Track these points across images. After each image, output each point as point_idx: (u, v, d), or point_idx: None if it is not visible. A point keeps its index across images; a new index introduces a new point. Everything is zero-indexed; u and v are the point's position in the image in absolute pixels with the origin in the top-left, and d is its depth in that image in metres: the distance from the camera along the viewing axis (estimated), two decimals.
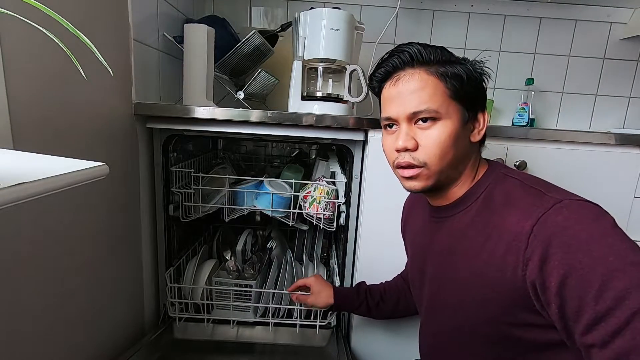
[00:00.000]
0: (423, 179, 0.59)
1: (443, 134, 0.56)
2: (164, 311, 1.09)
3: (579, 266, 0.43)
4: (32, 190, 0.29)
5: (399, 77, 0.60)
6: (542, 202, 0.49)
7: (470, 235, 0.58)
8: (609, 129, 1.52)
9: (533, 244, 0.47)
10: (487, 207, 0.57)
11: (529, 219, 0.48)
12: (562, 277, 0.43)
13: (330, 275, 1.18)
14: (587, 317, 0.42)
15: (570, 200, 0.48)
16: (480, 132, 0.61)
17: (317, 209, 1.01)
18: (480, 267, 0.54)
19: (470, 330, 0.59)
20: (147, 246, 1.03)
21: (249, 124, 0.93)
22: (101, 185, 0.80)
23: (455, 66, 0.58)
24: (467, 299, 0.58)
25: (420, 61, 0.59)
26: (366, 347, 1.05)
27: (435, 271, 0.66)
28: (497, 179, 0.59)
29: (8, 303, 0.59)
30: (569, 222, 0.45)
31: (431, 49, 0.59)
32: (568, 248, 0.44)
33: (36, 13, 0.35)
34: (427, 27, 1.47)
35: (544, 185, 0.54)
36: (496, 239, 0.52)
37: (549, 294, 0.45)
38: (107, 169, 0.38)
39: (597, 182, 0.96)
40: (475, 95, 0.60)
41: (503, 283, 0.51)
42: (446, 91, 0.57)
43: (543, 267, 0.45)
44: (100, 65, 0.40)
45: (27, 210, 0.61)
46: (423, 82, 0.57)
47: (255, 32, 1.09)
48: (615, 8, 1.44)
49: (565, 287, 0.43)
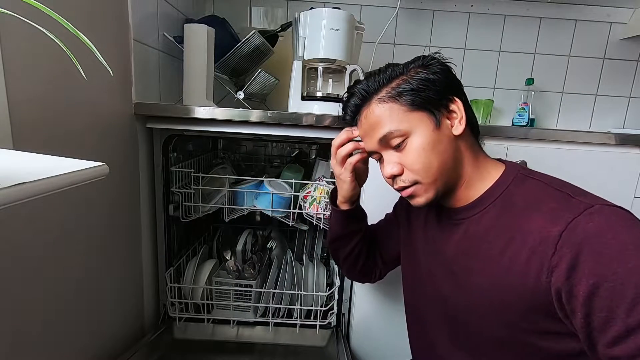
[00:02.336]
0: (422, 194, 0.58)
1: (418, 146, 0.56)
2: (164, 311, 1.09)
3: (611, 276, 0.41)
4: (32, 190, 0.29)
5: (360, 117, 0.62)
6: (570, 206, 0.47)
7: (490, 239, 0.55)
8: (609, 129, 1.52)
9: (561, 251, 0.45)
10: (508, 209, 0.54)
11: (557, 224, 0.46)
12: (592, 287, 0.42)
13: (331, 275, 1.18)
14: (617, 329, 0.40)
15: (602, 206, 0.46)
16: (462, 121, 0.57)
17: (317, 209, 1.01)
18: (500, 271, 0.53)
19: (485, 335, 0.57)
20: (147, 246, 1.03)
21: (249, 124, 0.93)
22: (101, 185, 0.80)
23: (401, 79, 0.58)
24: (485, 302, 0.55)
25: (370, 95, 0.60)
26: (366, 347, 1.05)
27: (447, 273, 0.63)
28: (517, 179, 0.56)
29: (8, 303, 0.59)
30: (601, 229, 0.44)
31: (375, 77, 0.60)
32: (600, 257, 0.42)
33: (36, 13, 0.35)
34: (427, 27, 1.47)
35: (570, 187, 0.51)
36: (519, 243, 0.50)
37: (576, 302, 0.43)
38: (107, 169, 0.38)
39: (597, 182, 0.96)
40: (434, 93, 0.57)
41: (524, 289, 0.49)
42: (401, 108, 0.57)
43: (572, 275, 0.44)
44: (100, 66, 0.40)
45: (27, 210, 0.61)
46: (378, 113, 0.59)
47: (255, 32, 1.09)
48: (615, 8, 1.44)
49: (594, 297, 0.42)
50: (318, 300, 1.06)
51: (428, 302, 0.68)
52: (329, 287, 1.11)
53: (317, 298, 1.06)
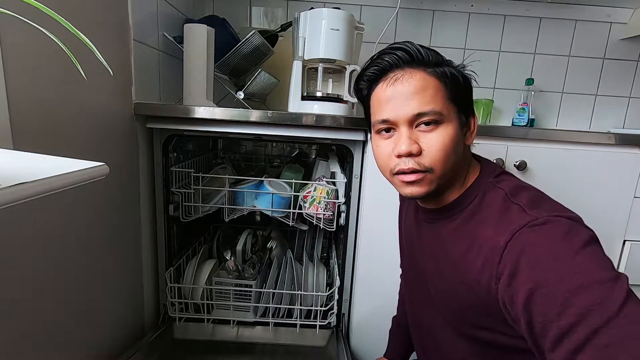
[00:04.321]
0: (426, 184, 0.56)
1: (446, 137, 0.54)
2: (164, 311, 1.09)
3: (544, 282, 0.43)
4: (32, 190, 0.29)
5: (396, 76, 0.56)
6: (519, 218, 0.49)
7: (453, 243, 0.58)
8: (609, 129, 1.52)
9: (505, 259, 0.47)
10: (473, 218, 0.56)
11: (503, 234, 0.49)
12: (528, 293, 0.44)
13: (331, 276, 1.18)
14: (552, 333, 0.41)
15: (547, 217, 0.47)
16: (472, 135, 0.60)
17: (317, 209, 1.01)
18: (461, 274, 0.55)
19: (457, 333, 0.62)
20: (147, 246, 1.03)
21: (249, 124, 0.93)
22: (101, 185, 0.80)
23: (450, 68, 0.57)
24: (453, 302, 0.59)
25: (419, 61, 0.56)
26: (366, 347, 1.05)
27: (426, 270, 0.67)
28: (486, 188, 0.57)
29: (8, 303, 0.59)
30: (539, 238, 0.46)
31: (427, 50, 0.57)
32: (535, 264, 0.44)
33: (36, 13, 0.35)
34: (427, 27, 1.47)
35: (528, 199, 0.52)
36: (476, 250, 0.53)
37: (517, 309, 0.45)
38: (107, 169, 0.38)
39: (597, 182, 0.96)
40: (467, 98, 0.59)
41: (480, 294, 0.52)
42: (446, 93, 0.55)
43: (512, 283, 0.46)
44: (100, 65, 0.40)
45: (26, 210, 0.61)
46: (425, 82, 0.54)
47: (255, 32, 1.09)
48: (615, 8, 1.44)
49: (531, 303, 0.43)
50: (318, 300, 1.06)
51: (415, 293, 0.74)
52: (329, 287, 1.11)
53: (317, 298, 1.06)
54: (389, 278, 0.94)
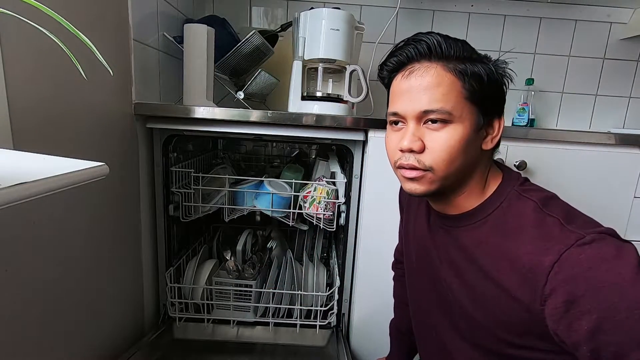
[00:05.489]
0: (426, 183, 0.55)
1: (453, 138, 0.52)
2: (164, 311, 1.09)
3: (613, 311, 0.41)
4: (32, 190, 0.29)
5: (412, 69, 0.54)
6: (562, 235, 0.46)
7: (478, 255, 0.55)
8: (609, 129, 1.52)
9: (553, 282, 0.44)
10: (499, 228, 0.53)
11: (548, 254, 0.45)
12: (595, 322, 0.42)
13: (331, 276, 1.18)
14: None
15: (593, 236, 0.45)
16: (494, 140, 0.56)
17: (317, 209, 1.01)
18: (489, 288, 0.53)
19: (461, 337, 0.60)
20: (147, 246, 1.03)
21: (249, 124, 0.93)
22: (101, 185, 0.80)
23: (476, 64, 0.53)
24: (478, 314, 0.56)
25: (438, 54, 0.53)
26: (366, 347, 1.05)
27: (442, 275, 0.63)
28: (511, 198, 0.54)
29: (8, 304, 0.59)
30: (593, 261, 0.43)
31: (452, 42, 0.54)
32: (598, 292, 0.42)
33: (36, 13, 0.34)
34: (427, 27, 1.47)
35: (562, 212, 0.50)
36: (507, 265, 0.50)
37: (578, 337, 0.43)
38: (107, 169, 0.38)
39: (597, 182, 0.96)
40: (493, 99, 0.55)
41: (517, 312, 0.49)
42: (463, 92, 0.52)
43: (570, 309, 0.43)
44: (100, 66, 0.40)
45: (26, 210, 0.61)
46: (439, 78, 0.52)
47: (255, 32, 1.09)
48: (615, 8, 1.44)
49: (599, 333, 0.42)
50: (318, 300, 1.06)
51: (423, 299, 0.70)
52: (329, 287, 1.11)
53: (317, 298, 1.06)
54: (389, 278, 0.94)
